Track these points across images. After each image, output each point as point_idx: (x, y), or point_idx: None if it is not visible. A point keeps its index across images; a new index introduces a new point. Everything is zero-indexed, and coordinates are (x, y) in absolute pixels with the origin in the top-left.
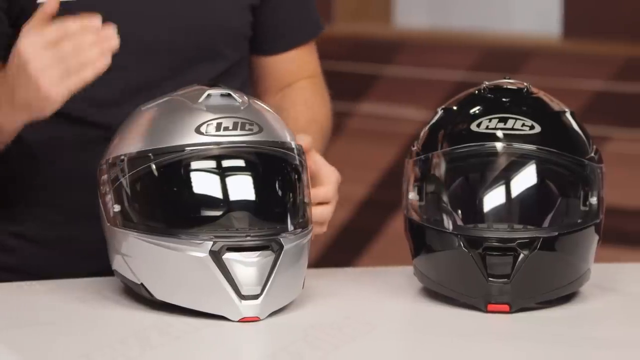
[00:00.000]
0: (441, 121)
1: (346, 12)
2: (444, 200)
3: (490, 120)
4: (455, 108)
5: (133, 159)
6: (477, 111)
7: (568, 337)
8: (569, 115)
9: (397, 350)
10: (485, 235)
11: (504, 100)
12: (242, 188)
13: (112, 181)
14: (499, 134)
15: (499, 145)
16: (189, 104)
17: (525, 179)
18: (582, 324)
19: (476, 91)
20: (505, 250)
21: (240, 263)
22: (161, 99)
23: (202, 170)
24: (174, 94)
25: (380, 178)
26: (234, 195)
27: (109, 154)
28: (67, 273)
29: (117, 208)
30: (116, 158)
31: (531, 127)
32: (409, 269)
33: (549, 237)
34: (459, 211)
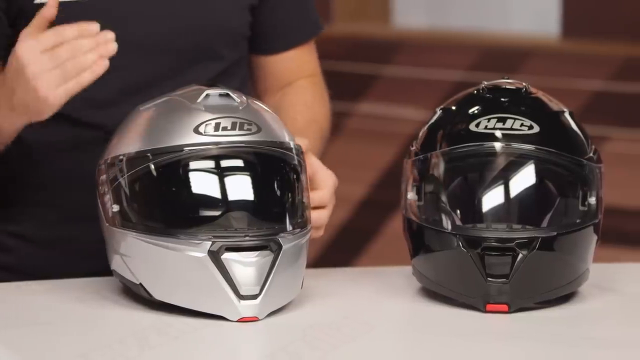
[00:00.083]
0: (440, 121)
1: (345, 12)
2: (443, 200)
3: (488, 120)
4: (454, 108)
5: (132, 159)
6: (476, 111)
7: (567, 337)
8: (567, 115)
9: (396, 350)
10: (484, 235)
11: (502, 100)
12: (241, 188)
13: (111, 181)
14: (498, 134)
15: (497, 145)
16: (188, 104)
17: (524, 179)
18: (581, 324)
19: (475, 91)
20: (504, 250)
21: (239, 263)
22: (160, 99)
23: (201, 170)
24: (173, 94)
25: (378, 178)
26: (232, 195)
27: (107, 154)
28: (66, 273)
29: (116, 208)
30: (115, 158)
31: (530, 127)
32: (408, 269)
33: (547, 237)
34: (458, 211)
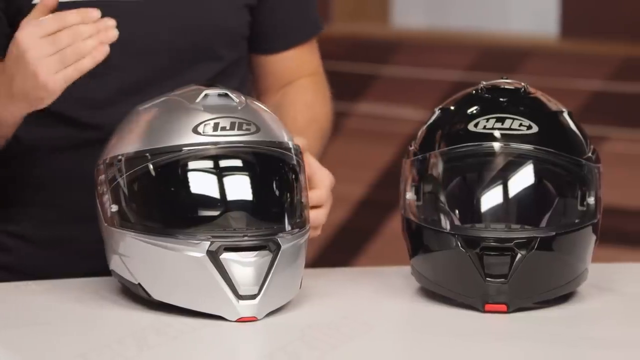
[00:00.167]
0: (438, 121)
1: (344, 12)
2: (442, 200)
3: (487, 120)
4: (452, 108)
5: (130, 159)
6: (475, 111)
7: (566, 337)
8: (566, 115)
9: (395, 350)
10: (482, 235)
11: (501, 100)
12: (240, 188)
13: (110, 181)
14: (497, 133)
15: (496, 145)
16: (186, 104)
17: (523, 178)
18: (580, 324)
19: (473, 91)
20: (503, 250)
21: (237, 263)
22: (158, 99)
23: (200, 170)
24: (171, 94)
25: (377, 178)
26: (231, 195)
27: (106, 154)
28: (65, 273)
29: (115, 208)
30: (113, 158)
31: (529, 127)
32: (407, 269)
33: (546, 237)
34: (457, 211)
